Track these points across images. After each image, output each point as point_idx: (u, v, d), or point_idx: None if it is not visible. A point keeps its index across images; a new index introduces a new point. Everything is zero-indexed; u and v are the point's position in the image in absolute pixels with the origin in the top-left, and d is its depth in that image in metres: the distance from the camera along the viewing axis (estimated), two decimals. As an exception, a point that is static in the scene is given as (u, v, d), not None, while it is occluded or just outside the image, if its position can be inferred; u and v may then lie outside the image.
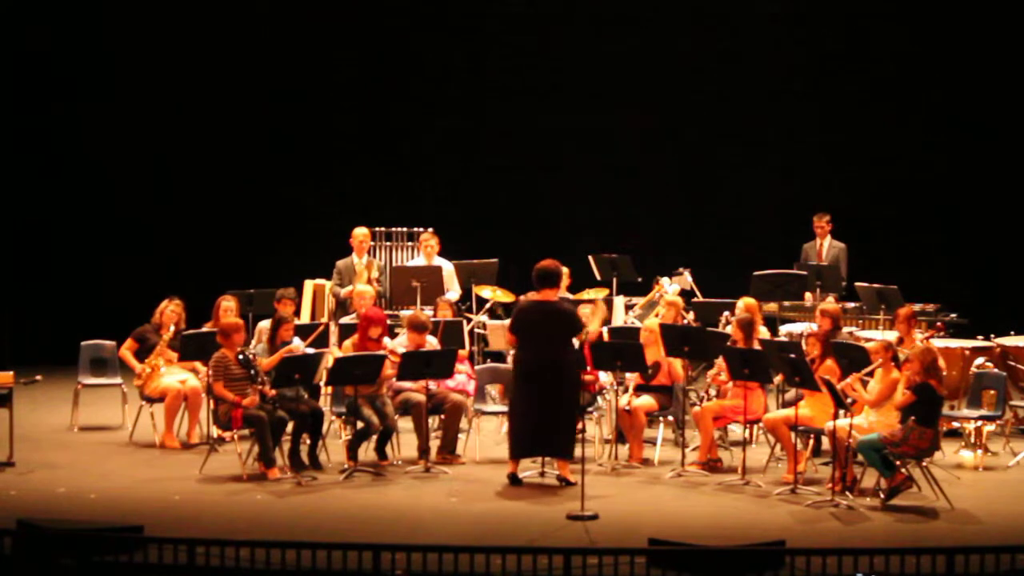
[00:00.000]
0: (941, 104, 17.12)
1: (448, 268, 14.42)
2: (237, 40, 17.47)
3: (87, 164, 17.53)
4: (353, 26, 17.70)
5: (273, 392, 11.45)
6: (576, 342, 11.33)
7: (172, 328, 12.84)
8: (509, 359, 13.17)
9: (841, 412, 10.76)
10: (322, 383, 12.25)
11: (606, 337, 12.33)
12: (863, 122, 17.35)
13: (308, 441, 11.72)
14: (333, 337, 12.89)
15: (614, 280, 14.76)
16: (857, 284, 14.25)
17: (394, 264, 15.25)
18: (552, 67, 17.75)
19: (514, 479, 11.16)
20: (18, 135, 17.34)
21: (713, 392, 12.43)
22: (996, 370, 12.53)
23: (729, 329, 12.29)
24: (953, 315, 14.18)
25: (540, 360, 11.05)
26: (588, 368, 11.66)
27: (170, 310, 12.90)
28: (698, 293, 14.61)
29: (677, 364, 12.03)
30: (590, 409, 12.02)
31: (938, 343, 12.36)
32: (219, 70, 17.55)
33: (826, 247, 15.28)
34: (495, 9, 17.75)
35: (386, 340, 11.96)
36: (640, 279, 14.88)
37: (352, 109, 17.86)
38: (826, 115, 17.37)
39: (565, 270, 13.89)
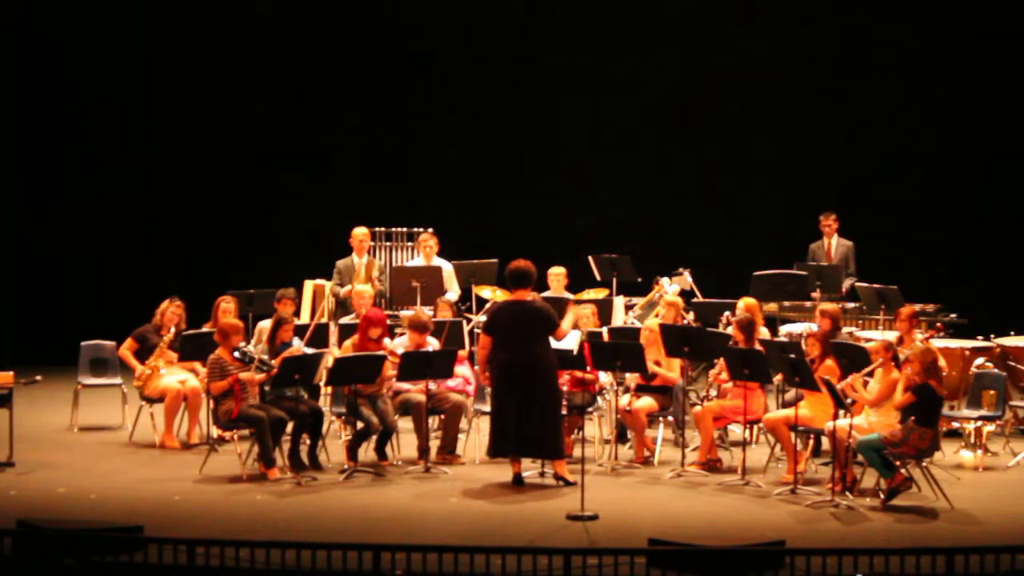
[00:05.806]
0: (941, 104, 17.11)
1: (447, 268, 14.42)
2: (237, 40, 17.47)
3: (87, 163, 17.53)
4: (353, 26, 17.70)
5: (276, 368, 11.39)
6: (554, 341, 11.18)
7: (173, 329, 12.83)
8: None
9: (841, 412, 10.75)
10: (322, 383, 12.25)
11: (576, 335, 12.12)
12: (863, 122, 17.35)
13: (308, 441, 11.71)
14: (333, 337, 12.88)
15: (614, 280, 14.76)
16: (857, 284, 14.25)
17: (394, 264, 15.25)
18: (553, 67, 17.75)
19: (517, 479, 11.14)
20: (18, 134, 17.34)
21: (714, 392, 12.42)
22: (996, 370, 12.53)
23: (730, 330, 12.27)
24: (953, 315, 14.17)
25: (517, 360, 10.96)
26: (588, 368, 11.67)
27: (171, 311, 12.89)
28: (698, 293, 14.60)
29: (675, 365, 12.02)
30: (590, 409, 12.02)
31: (938, 343, 12.34)
32: (220, 70, 17.54)
33: (834, 246, 15.29)
34: (496, 10, 17.74)
35: (386, 340, 11.96)
36: (640, 279, 14.88)
37: (352, 109, 17.85)
38: (827, 114, 17.37)
39: (563, 270, 14.00)
